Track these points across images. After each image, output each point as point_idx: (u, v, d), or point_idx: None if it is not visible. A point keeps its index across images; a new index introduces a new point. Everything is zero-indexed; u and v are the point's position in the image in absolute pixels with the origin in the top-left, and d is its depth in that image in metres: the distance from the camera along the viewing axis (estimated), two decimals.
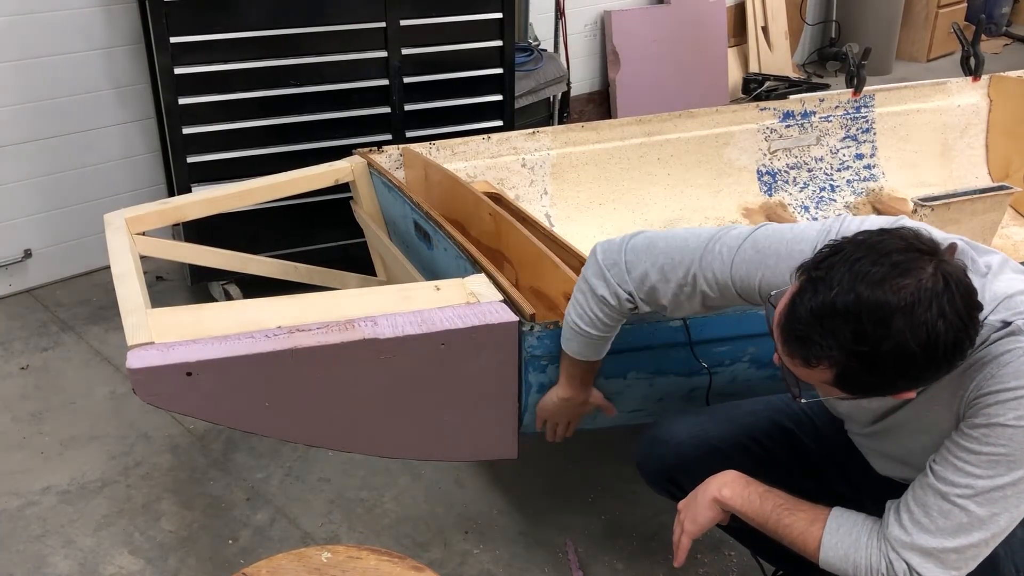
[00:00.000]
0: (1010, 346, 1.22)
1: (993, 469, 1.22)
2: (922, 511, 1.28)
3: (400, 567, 1.47)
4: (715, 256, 1.46)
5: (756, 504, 1.44)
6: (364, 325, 1.69)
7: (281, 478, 2.43)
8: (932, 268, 1.16)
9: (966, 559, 1.26)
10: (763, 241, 1.43)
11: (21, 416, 2.69)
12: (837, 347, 1.17)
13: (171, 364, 1.59)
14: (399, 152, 2.82)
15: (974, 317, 1.18)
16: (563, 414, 1.87)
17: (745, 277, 1.43)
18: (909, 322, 1.13)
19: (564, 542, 2.21)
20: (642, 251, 1.54)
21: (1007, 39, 7.44)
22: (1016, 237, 3.41)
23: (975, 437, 1.24)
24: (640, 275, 1.54)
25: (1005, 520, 1.24)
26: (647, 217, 3.24)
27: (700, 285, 1.47)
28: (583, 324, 1.64)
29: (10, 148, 3.25)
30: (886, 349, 1.15)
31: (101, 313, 3.25)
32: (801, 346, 1.21)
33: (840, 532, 1.34)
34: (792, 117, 3.38)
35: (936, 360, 1.17)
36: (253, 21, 2.94)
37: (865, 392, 1.25)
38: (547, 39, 4.74)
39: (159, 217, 2.39)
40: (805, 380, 1.27)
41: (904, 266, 1.16)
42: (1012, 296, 1.26)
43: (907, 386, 1.24)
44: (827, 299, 1.17)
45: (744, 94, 5.41)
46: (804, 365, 1.22)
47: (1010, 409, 1.21)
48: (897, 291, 1.14)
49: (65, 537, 2.23)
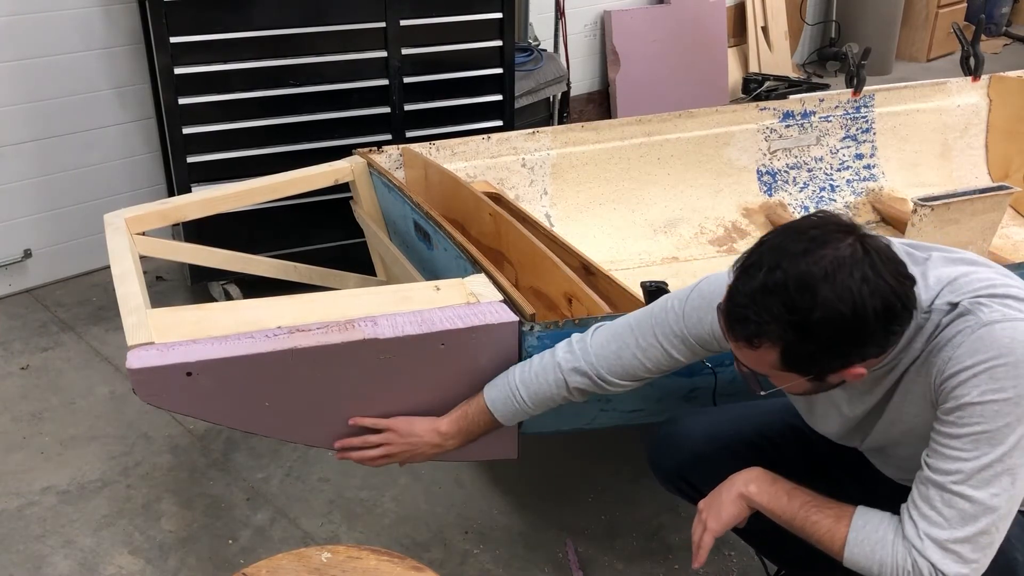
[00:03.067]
0: (960, 326, 1.27)
1: (977, 449, 1.25)
2: (927, 506, 1.29)
3: (400, 567, 1.47)
4: (668, 311, 1.57)
5: (783, 501, 1.44)
6: (364, 325, 1.69)
7: (281, 478, 2.43)
8: (851, 240, 1.24)
9: (980, 547, 1.26)
10: (707, 288, 1.54)
11: (21, 416, 2.69)
12: (773, 320, 1.24)
13: (171, 364, 1.59)
14: (399, 152, 2.82)
15: (903, 283, 1.25)
16: (415, 447, 1.77)
17: (697, 323, 1.53)
18: (833, 289, 1.21)
19: (564, 542, 2.21)
20: (604, 331, 1.66)
21: (1007, 39, 7.44)
22: (1016, 237, 3.41)
23: (951, 421, 1.27)
24: (601, 343, 1.64)
25: (1005, 498, 1.25)
26: (647, 217, 3.24)
27: (661, 342, 1.57)
28: (522, 386, 1.70)
29: (10, 148, 3.25)
30: (817, 317, 1.21)
31: (101, 313, 3.25)
32: (743, 327, 1.28)
33: (866, 530, 1.34)
34: (792, 117, 3.38)
35: (868, 325, 1.23)
36: (253, 21, 2.94)
37: (815, 369, 1.30)
38: (547, 39, 4.74)
39: (159, 217, 2.39)
40: (758, 369, 1.34)
41: (821, 239, 1.24)
42: (955, 279, 1.31)
43: (851, 356, 1.28)
44: (757, 280, 1.25)
45: (744, 94, 5.41)
46: (748, 346, 1.29)
47: (973, 387, 1.24)
48: (817, 261, 1.22)
49: (65, 537, 2.23)
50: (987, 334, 1.24)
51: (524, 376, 1.70)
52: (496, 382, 1.74)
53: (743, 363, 1.36)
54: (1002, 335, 1.24)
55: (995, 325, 1.25)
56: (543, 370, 1.68)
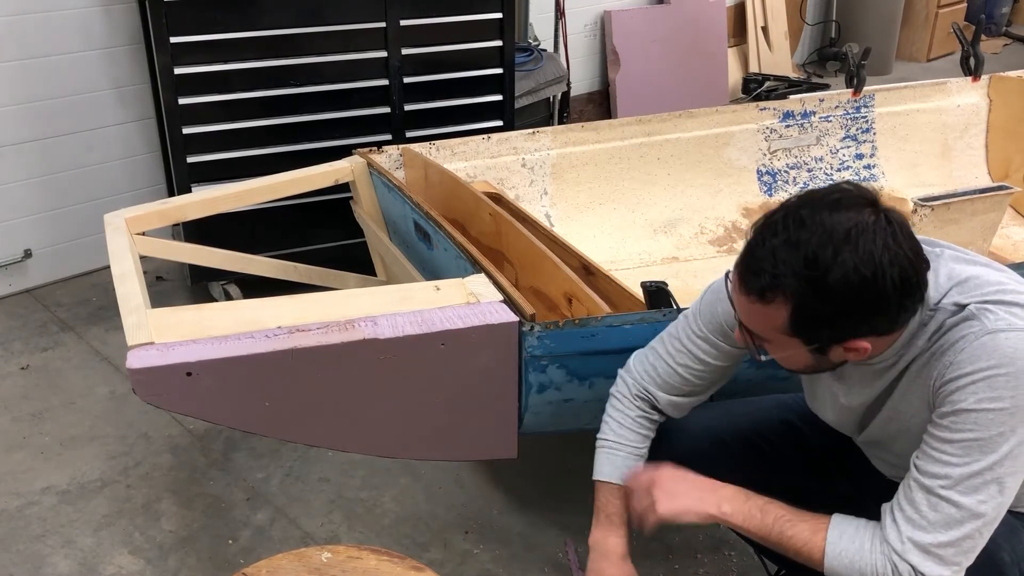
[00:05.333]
0: (964, 331, 1.27)
1: (968, 456, 1.24)
2: (912, 508, 1.29)
3: (400, 567, 1.47)
4: (687, 316, 1.62)
5: (757, 519, 1.42)
6: (364, 325, 1.69)
7: (281, 478, 2.43)
8: (872, 209, 1.25)
9: (963, 551, 1.26)
10: (717, 285, 1.56)
11: (21, 416, 2.69)
12: (791, 274, 1.23)
13: (171, 364, 1.59)
14: (399, 152, 2.82)
15: (920, 260, 1.25)
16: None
17: (710, 317, 1.56)
18: (854, 250, 1.21)
19: (564, 542, 2.21)
20: (640, 352, 1.70)
21: (1007, 39, 7.44)
22: (1016, 237, 3.41)
23: (945, 426, 1.27)
24: (640, 360, 1.68)
25: (992, 506, 1.25)
26: (647, 217, 3.24)
27: (686, 344, 1.60)
28: (602, 435, 1.69)
29: (10, 148, 3.25)
30: (836, 276, 1.21)
31: (101, 313, 3.25)
32: (757, 279, 1.27)
33: (843, 540, 1.33)
34: (792, 117, 3.38)
35: (885, 292, 1.22)
36: (253, 21, 2.94)
37: (821, 336, 1.29)
38: (547, 39, 4.74)
39: (159, 217, 2.39)
40: (762, 333, 1.33)
41: (846, 203, 1.25)
42: (967, 280, 1.31)
43: (860, 325, 1.27)
44: (779, 236, 1.26)
45: (744, 94, 5.41)
46: (760, 300, 1.28)
47: (970, 393, 1.24)
48: (841, 223, 1.22)
49: (65, 537, 2.23)
50: (990, 342, 1.24)
51: (603, 431, 1.69)
52: (598, 466, 1.67)
53: (747, 325, 1.35)
54: (1005, 344, 1.23)
55: (999, 334, 1.24)
56: (611, 409, 1.69)
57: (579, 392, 1.89)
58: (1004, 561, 1.35)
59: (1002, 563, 1.35)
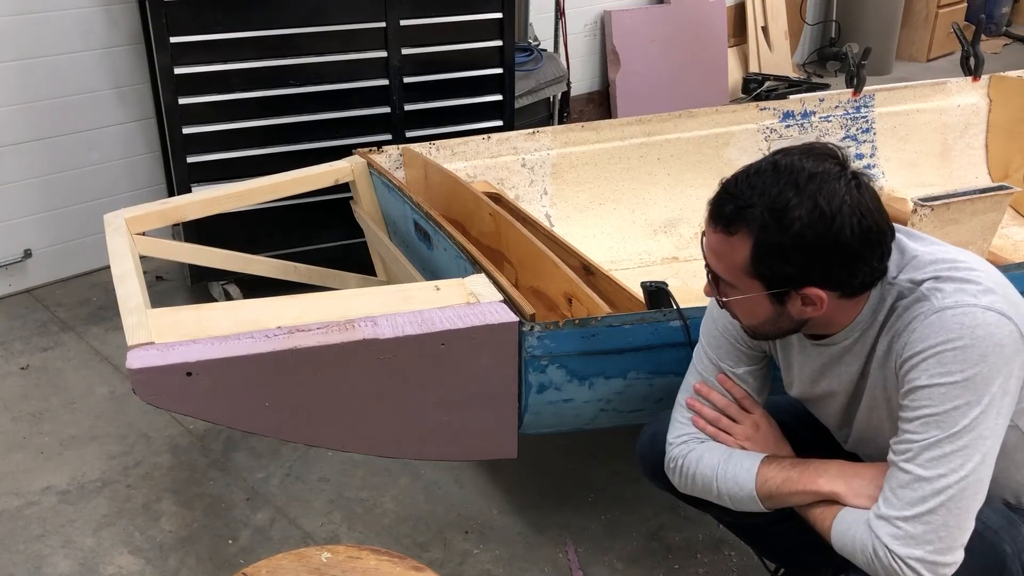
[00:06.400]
0: (916, 312, 1.31)
1: (926, 431, 1.28)
2: (887, 486, 1.32)
3: (400, 567, 1.47)
4: (701, 332, 1.65)
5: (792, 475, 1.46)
6: (364, 325, 1.69)
7: (281, 478, 2.43)
8: (840, 166, 1.31)
9: (933, 529, 1.26)
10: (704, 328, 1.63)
11: (21, 416, 2.69)
12: (757, 202, 1.29)
13: (171, 364, 1.59)
14: (399, 152, 2.82)
15: (884, 220, 1.30)
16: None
17: (715, 345, 1.61)
18: (818, 192, 1.26)
19: (564, 542, 2.21)
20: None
21: (1007, 39, 7.44)
22: (1016, 237, 3.41)
23: (905, 405, 1.31)
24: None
25: (954, 479, 1.25)
26: (647, 217, 3.24)
27: (711, 356, 1.61)
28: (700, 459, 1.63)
29: (10, 148, 3.25)
30: (797, 213, 1.26)
31: (101, 313, 3.25)
32: (723, 207, 1.33)
33: (846, 518, 1.37)
34: (792, 117, 3.38)
35: (843, 236, 1.26)
36: (253, 21, 2.94)
37: (780, 278, 1.32)
38: (547, 39, 4.74)
39: (159, 217, 2.39)
40: (725, 274, 1.37)
41: (817, 153, 1.32)
42: (920, 255, 1.35)
43: (815, 269, 1.30)
44: (751, 177, 1.32)
45: (744, 94, 5.41)
46: (725, 231, 1.33)
47: (922, 371, 1.28)
48: (810, 168, 1.29)
49: (65, 537, 2.23)
50: (937, 320, 1.28)
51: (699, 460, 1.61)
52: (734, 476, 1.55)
53: (713, 267, 1.40)
54: (952, 321, 1.27)
55: (946, 311, 1.28)
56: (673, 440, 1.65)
57: (579, 392, 1.89)
58: (1006, 552, 1.36)
59: (1004, 554, 1.35)
